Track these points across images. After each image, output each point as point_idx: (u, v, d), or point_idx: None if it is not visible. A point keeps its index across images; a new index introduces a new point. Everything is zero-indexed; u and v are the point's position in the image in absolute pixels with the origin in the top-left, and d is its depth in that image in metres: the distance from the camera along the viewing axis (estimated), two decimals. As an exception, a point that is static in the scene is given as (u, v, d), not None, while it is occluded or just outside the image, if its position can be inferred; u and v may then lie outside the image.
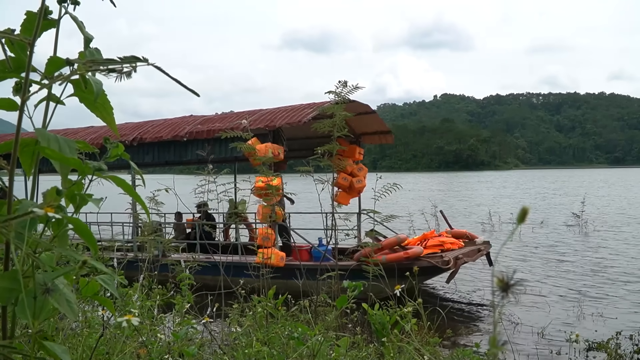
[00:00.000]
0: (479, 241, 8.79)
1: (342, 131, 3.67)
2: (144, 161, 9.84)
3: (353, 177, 9.98)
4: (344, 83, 3.62)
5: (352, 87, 3.64)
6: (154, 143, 9.59)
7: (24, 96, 0.91)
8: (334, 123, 3.68)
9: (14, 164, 0.92)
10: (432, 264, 7.60)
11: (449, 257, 7.71)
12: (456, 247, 8.34)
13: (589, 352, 5.73)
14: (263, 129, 8.29)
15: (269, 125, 8.41)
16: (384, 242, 7.77)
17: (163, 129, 9.73)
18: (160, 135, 9.52)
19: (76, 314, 0.91)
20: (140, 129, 10.00)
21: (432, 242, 8.27)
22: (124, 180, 1.02)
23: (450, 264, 7.59)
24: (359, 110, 9.96)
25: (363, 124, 10.44)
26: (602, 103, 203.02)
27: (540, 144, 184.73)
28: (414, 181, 59.54)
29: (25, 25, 0.96)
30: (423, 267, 7.50)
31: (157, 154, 9.67)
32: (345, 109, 9.72)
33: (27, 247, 0.82)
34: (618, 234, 15.44)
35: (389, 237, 8.11)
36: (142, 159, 9.77)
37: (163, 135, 9.46)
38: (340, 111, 3.67)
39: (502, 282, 0.55)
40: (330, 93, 3.66)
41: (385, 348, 2.76)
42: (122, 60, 0.86)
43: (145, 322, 2.87)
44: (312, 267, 6.92)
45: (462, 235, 8.97)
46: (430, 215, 16.16)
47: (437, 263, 7.60)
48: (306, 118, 8.25)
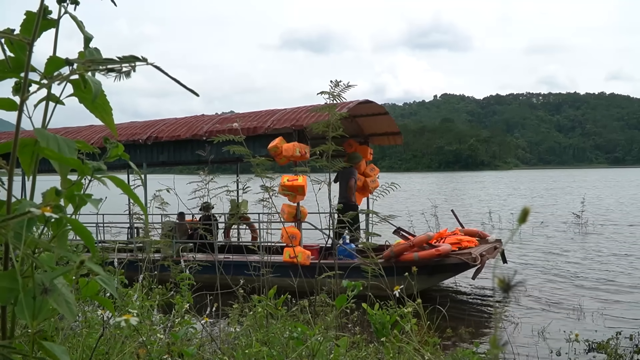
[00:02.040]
0: (491, 239, 8.87)
1: (336, 131, 3.66)
2: (159, 160, 9.77)
3: (366, 177, 10.05)
4: (337, 83, 3.61)
5: (345, 86, 3.62)
6: (170, 142, 9.47)
7: (23, 96, 0.91)
8: (328, 123, 3.67)
9: (13, 164, 0.92)
10: (462, 261, 7.69)
11: (476, 253, 7.83)
12: (472, 245, 8.42)
13: (589, 352, 5.72)
14: (289, 128, 8.31)
15: (296, 124, 8.46)
16: (414, 240, 7.92)
17: (179, 128, 9.61)
18: (177, 134, 9.39)
19: (75, 314, 0.91)
20: (153, 128, 9.89)
21: (449, 240, 8.32)
22: (123, 181, 1.02)
23: (478, 261, 7.72)
24: (373, 111, 10.00)
25: (372, 125, 10.46)
26: (602, 103, 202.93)
27: (540, 144, 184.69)
28: (414, 181, 59.52)
29: (25, 25, 0.96)
30: (453, 264, 7.73)
31: (173, 153, 9.56)
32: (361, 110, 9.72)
33: (25, 247, 0.82)
34: (618, 234, 15.44)
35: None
36: (156, 158, 9.70)
37: (181, 134, 9.33)
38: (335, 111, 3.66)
39: (503, 283, 0.55)
40: (323, 93, 3.65)
41: (385, 348, 2.76)
42: (121, 60, 0.86)
43: (145, 322, 2.87)
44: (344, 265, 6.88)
45: (474, 233, 9.06)
46: (431, 215, 16.16)
47: (467, 260, 7.70)
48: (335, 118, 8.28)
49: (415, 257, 7.61)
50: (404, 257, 7.75)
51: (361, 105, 9.38)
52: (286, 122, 8.47)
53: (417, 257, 7.60)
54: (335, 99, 3.66)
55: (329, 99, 3.67)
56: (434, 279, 8.45)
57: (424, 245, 7.93)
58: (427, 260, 7.61)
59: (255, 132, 8.75)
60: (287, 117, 8.72)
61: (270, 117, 9.05)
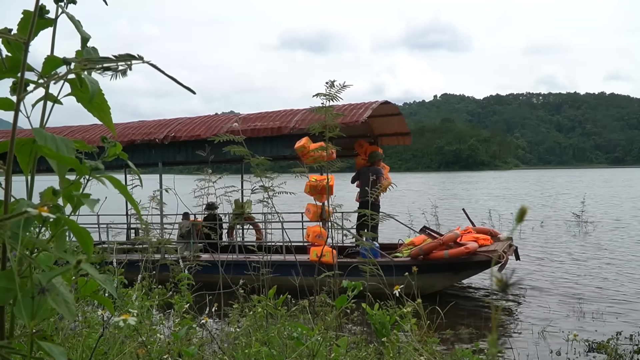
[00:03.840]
0: (503, 237, 8.94)
1: (333, 131, 3.66)
2: (176, 160, 9.70)
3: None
4: (331, 83, 3.60)
5: (340, 87, 3.61)
6: (189, 141, 9.35)
7: (19, 95, 0.91)
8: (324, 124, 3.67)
9: (10, 163, 0.92)
10: (490, 258, 7.78)
11: (500, 250, 7.96)
12: (488, 242, 8.50)
13: (589, 352, 5.72)
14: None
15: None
16: (444, 238, 8.01)
17: (197, 127, 9.51)
18: (197, 133, 9.28)
19: (74, 314, 0.90)
20: (168, 127, 9.80)
21: (467, 238, 8.39)
22: (119, 181, 1.02)
23: (505, 258, 7.86)
24: (387, 111, 10.01)
25: (383, 125, 10.47)
26: (602, 103, 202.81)
27: (540, 144, 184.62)
28: (414, 181, 59.53)
29: (22, 24, 0.95)
30: (479, 262, 7.84)
31: (191, 152, 9.39)
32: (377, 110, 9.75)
33: (22, 247, 0.82)
34: (618, 233, 15.44)
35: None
36: (173, 157, 9.61)
37: (200, 134, 9.21)
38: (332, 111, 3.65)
39: (501, 282, 0.55)
40: (319, 95, 3.64)
41: (385, 348, 2.76)
42: (117, 59, 0.86)
43: (144, 322, 2.87)
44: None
45: (486, 231, 9.14)
46: (431, 215, 16.18)
47: (494, 257, 7.83)
48: (363, 118, 8.38)
49: (446, 255, 7.76)
50: (433, 255, 7.87)
51: (380, 106, 9.44)
52: (310, 122, 8.47)
53: (447, 255, 7.73)
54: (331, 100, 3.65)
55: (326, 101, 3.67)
56: (459, 277, 8.60)
57: (450, 244, 8.05)
58: (457, 258, 7.73)
59: (279, 132, 8.72)
60: (312, 117, 8.71)
61: (293, 117, 8.98)
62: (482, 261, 7.88)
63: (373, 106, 8.77)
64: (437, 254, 7.83)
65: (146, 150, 9.60)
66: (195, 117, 10.49)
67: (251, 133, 8.81)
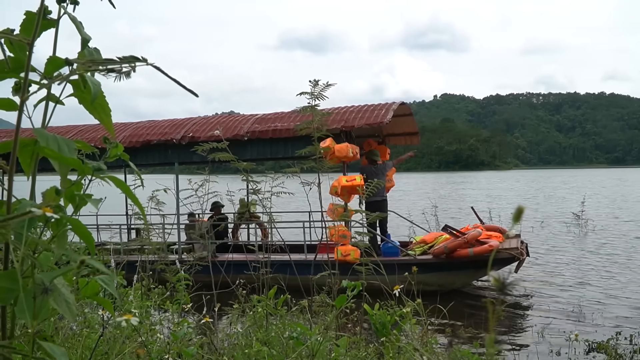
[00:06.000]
0: (511, 234, 8.98)
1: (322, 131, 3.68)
2: (192, 160, 9.71)
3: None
4: (316, 82, 3.61)
5: (324, 86, 3.62)
6: (207, 142, 9.37)
7: (23, 96, 0.91)
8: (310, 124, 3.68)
9: (13, 163, 0.92)
10: (512, 255, 7.90)
11: (519, 248, 8.08)
12: (500, 240, 8.59)
13: (589, 352, 5.72)
14: (338, 129, 8.35)
15: (346, 125, 8.53)
16: (468, 237, 8.08)
17: (215, 128, 9.45)
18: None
19: (75, 314, 0.91)
20: (183, 127, 9.79)
21: (482, 236, 8.43)
22: (122, 181, 1.02)
23: (523, 255, 8.02)
24: (399, 112, 10.01)
25: (392, 125, 10.48)
26: (602, 103, 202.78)
27: (540, 144, 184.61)
28: (415, 181, 59.51)
29: (25, 25, 0.96)
30: (501, 259, 7.99)
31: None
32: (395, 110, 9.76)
33: (25, 247, 0.82)
34: (618, 233, 15.43)
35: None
36: (190, 157, 9.61)
37: (220, 135, 9.28)
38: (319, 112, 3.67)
39: (499, 282, 0.55)
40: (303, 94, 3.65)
41: (385, 348, 2.76)
42: (121, 60, 0.87)
43: (145, 322, 2.87)
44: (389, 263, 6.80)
45: (496, 229, 9.22)
46: (431, 215, 16.15)
47: (515, 254, 7.92)
48: (387, 119, 8.48)
49: (471, 253, 7.87)
50: (458, 252, 7.96)
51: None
52: (334, 123, 8.44)
53: (472, 252, 7.84)
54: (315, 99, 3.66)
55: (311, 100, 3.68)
56: (478, 274, 8.69)
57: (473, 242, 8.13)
58: (481, 255, 7.81)
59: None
60: (334, 118, 8.69)
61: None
62: (505, 258, 7.99)
63: (394, 107, 8.87)
64: (461, 252, 7.93)
65: (162, 150, 9.63)
66: (212, 117, 10.54)
67: (272, 134, 8.88)
